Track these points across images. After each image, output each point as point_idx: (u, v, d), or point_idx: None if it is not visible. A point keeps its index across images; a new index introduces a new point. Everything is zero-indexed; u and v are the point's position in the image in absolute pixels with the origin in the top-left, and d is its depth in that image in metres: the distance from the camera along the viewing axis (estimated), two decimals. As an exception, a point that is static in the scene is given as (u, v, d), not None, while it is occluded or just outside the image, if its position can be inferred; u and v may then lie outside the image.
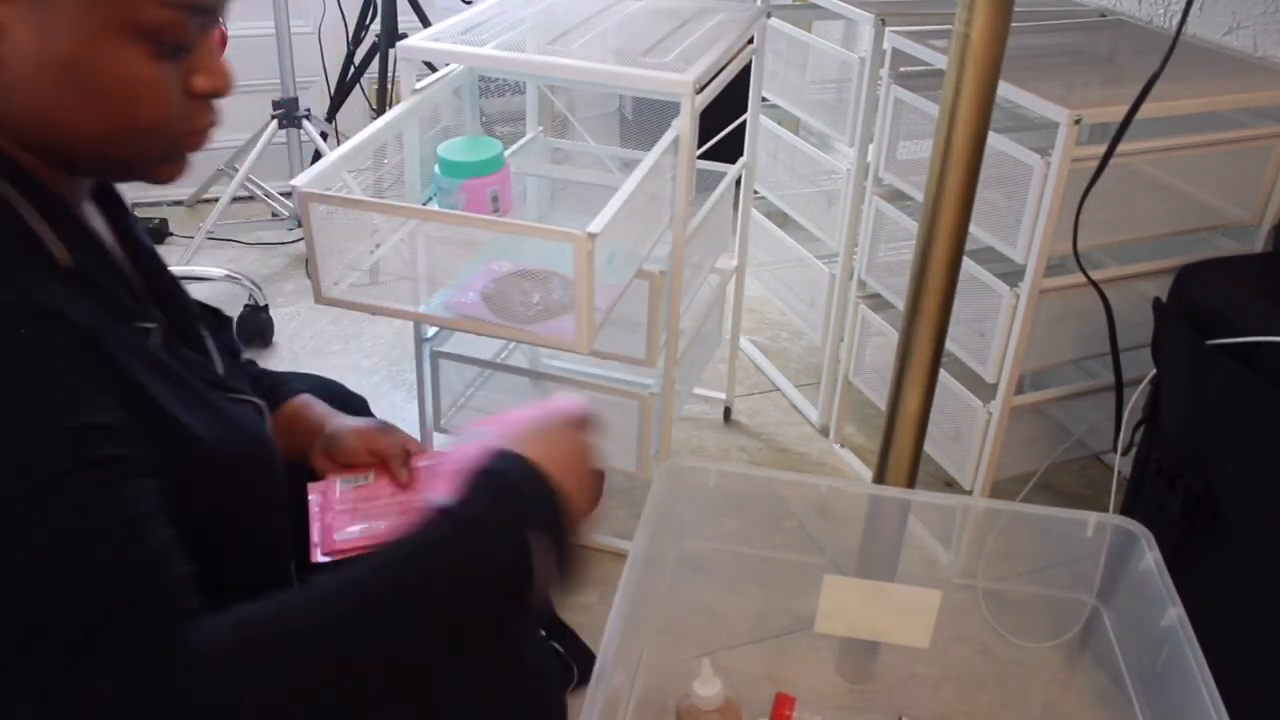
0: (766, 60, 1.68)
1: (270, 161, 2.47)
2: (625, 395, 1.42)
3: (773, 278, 1.98)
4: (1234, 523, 1.16)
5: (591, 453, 0.78)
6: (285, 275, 2.27)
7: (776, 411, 1.91)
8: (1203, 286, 1.23)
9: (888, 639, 1.08)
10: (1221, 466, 1.17)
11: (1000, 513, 1.08)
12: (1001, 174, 1.30)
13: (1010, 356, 1.36)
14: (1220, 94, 1.30)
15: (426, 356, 1.48)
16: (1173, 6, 1.60)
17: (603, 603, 1.44)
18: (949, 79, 0.96)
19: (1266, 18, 1.45)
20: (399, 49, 1.34)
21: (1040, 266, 1.29)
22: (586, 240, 1.05)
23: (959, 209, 1.01)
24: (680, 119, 1.25)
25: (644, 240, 1.27)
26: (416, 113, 1.36)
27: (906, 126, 1.49)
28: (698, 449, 1.79)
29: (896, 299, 1.57)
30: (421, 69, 1.42)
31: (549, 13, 1.49)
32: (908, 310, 1.08)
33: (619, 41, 1.38)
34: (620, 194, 1.14)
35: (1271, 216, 1.40)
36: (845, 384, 1.75)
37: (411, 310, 1.23)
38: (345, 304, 1.22)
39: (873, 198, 1.57)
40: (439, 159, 1.33)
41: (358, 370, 1.97)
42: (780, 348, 2.11)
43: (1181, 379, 1.22)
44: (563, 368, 1.87)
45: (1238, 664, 1.16)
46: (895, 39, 1.47)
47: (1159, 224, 1.38)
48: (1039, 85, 1.27)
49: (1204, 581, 1.20)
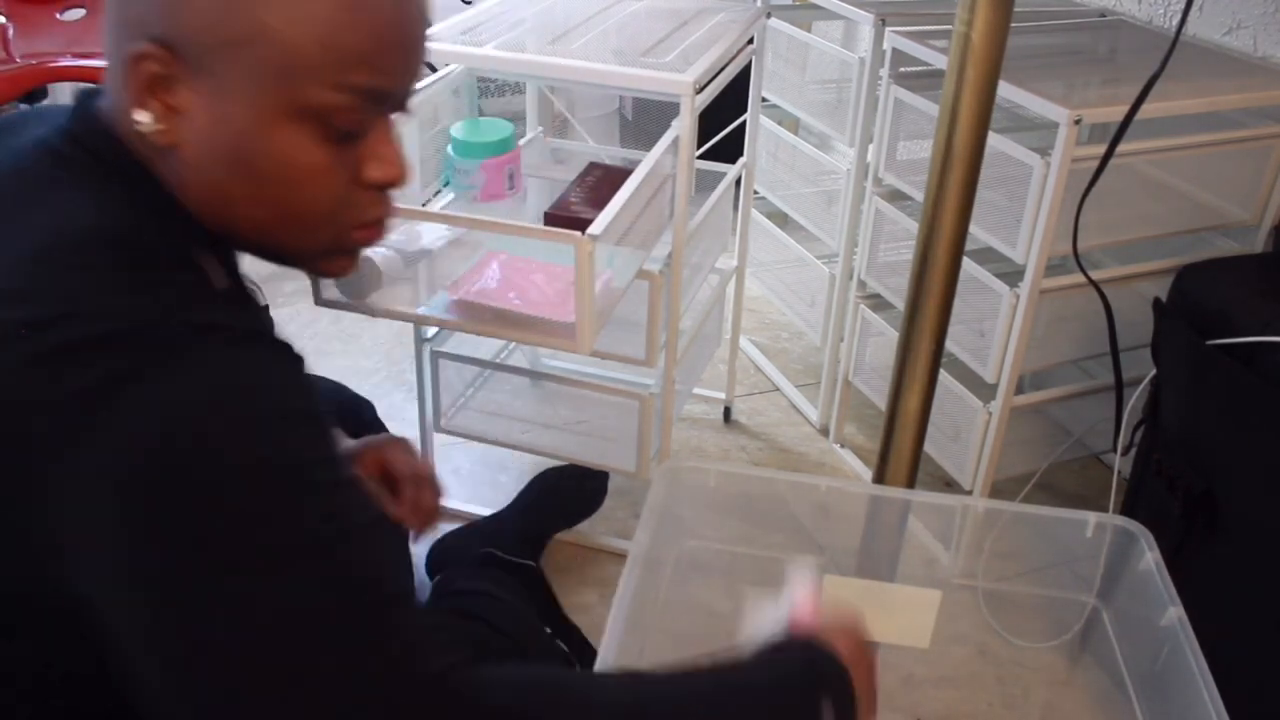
0: (766, 60, 1.68)
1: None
2: (625, 395, 1.42)
3: (773, 278, 1.97)
4: (1234, 523, 1.16)
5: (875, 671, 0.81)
6: (285, 275, 2.27)
7: (776, 412, 1.91)
8: (1203, 286, 1.23)
9: (887, 640, 1.08)
10: (1221, 467, 1.17)
11: (1000, 513, 1.08)
12: (1001, 174, 1.30)
13: (1010, 356, 1.36)
14: (1220, 94, 1.30)
15: (426, 356, 1.48)
16: (1173, 6, 1.60)
17: (603, 603, 1.44)
18: (949, 79, 0.96)
19: (1266, 18, 1.45)
20: (399, 49, 1.34)
21: (1040, 266, 1.29)
22: (587, 242, 1.05)
23: (959, 209, 1.01)
24: (680, 119, 1.25)
25: (644, 241, 1.27)
26: (416, 113, 1.36)
27: (906, 126, 1.49)
28: (698, 449, 1.79)
29: (896, 299, 1.57)
30: (421, 69, 1.41)
31: (549, 13, 1.49)
32: (908, 310, 1.08)
33: (619, 41, 1.38)
34: (620, 194, 1.14)
35: (1271, 216, 1.40)
36: (845, 384, 1.75)
37: (411, 311, 1.23)
38: (345, 305, 1.22)
39: (873, 198, 1.57)
40: (453, 141, 1.36)
41: (358, 370, 1.97)
42: (780, 348, 2.11)
43: (1181, 379, 1.22)
44: (563, 368, 1.87)
45: (1238, 664, 1.16)
46: (895, 39, 1.47)
47: (1159, 224, 1.38)
48: (1039, 85, 1.27)
49: (1204, 581, 1.20)
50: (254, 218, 0.68)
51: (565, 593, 1.45)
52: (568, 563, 1.51)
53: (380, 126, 0.70)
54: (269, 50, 0.63)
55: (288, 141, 0.65)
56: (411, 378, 1.92)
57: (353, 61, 0.65)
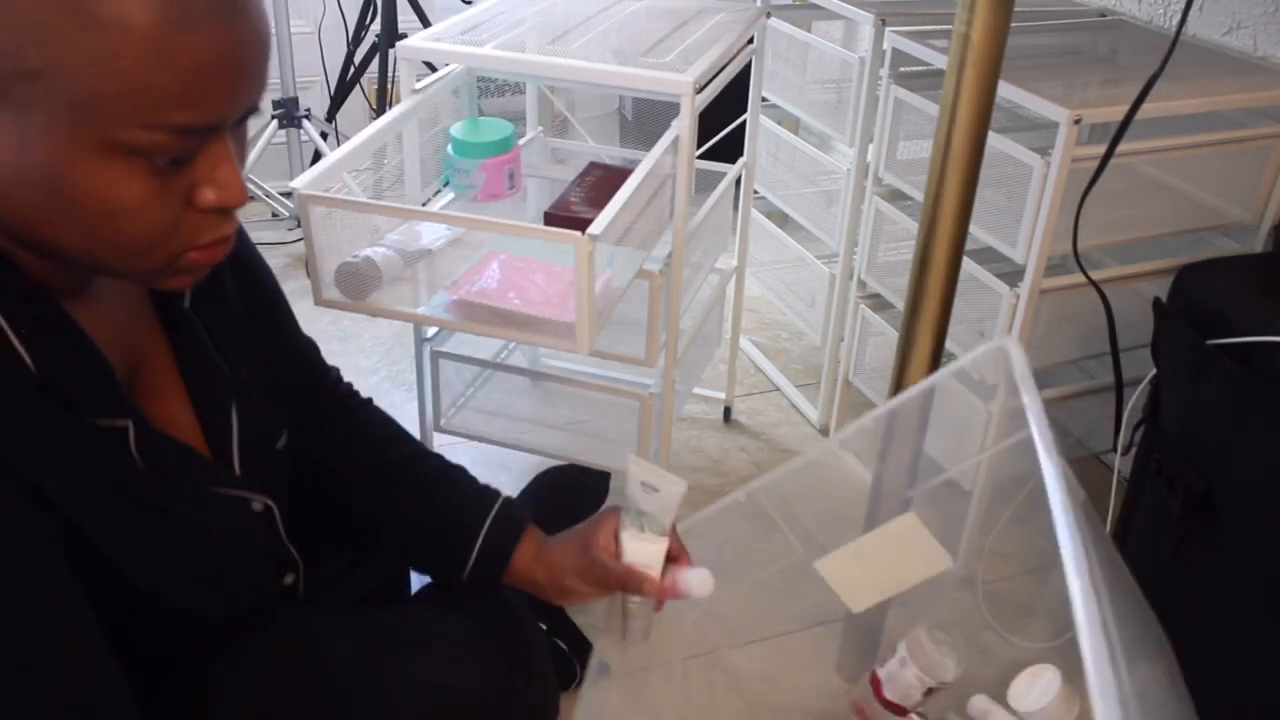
0: (766, 60, 1.68)
1: (270, 161, 2.47)
2: (625, 395, 1.42)
3: (773, 278, 1.98)
4: (1234, 523, 1.16)
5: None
6: (285, 275, 2.27)
7: (776, 411, 1.91)
8: (1202, 286, 1.23)
9: (917, 579, 1.04)
10: (1221, 466, 1.17)
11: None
12: (1001, 174, 1.30)
13: (1010, 356, 1.36)
14: (1220, 94, 1.30)
15: (426, 356, 1.48)
16: (1173, 6, 1.60)
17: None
18: (949, 79, 0.96)
19: (1266, 18, 1.45)
20: (399, 49, 1.34)
21: (1040, 266, 1.29)
22: (587, 242, 1.05)
23: (959, 209, 1.01)
24: (680, 119, 1.25)
25: (644, 241, 1.27)
26: (416, 113, 1.36)
27: (906, 126, 1.49)
28: (698, 449, 1.78)
29: (896, 299, 1.57)
30: (421, 69, 1.42)
31: (549, 13, 1.49)
32: (908, 310, 1.08)
33: (619, 41, 1.38)
34: (620, 194, 1.14)
35: (1271, 216, 1.40)
36: (845, 384, 1.75)
37: (411, 311, 1.23)
38: (345, 305, 1.22)
39: (873, 198, 1.57)
40: (454, 141, 1.36)
41: (358, 370, 1.97)
42: (780, 348, 2.11)
43: (1181, 379, 1.22)
44: (563, 368, 1.87)
45: (1238, 663, 1.16)
46: (895, 39, 1.47)
47: (1159, 224, 1.38)
48: (1039, 85, 1.27)
49: (1204, 581, 1.20)
50: (71, 243, 0.63)
51: (565, 593, 1.45)
52: (568, 563, 1.51)
53: (215, 146, 0.63)
54: (67, 88, 0.57)
55: (100, 175, 0.60)
56: (411, 377, 1.92)
57: (167, 101, 0.58)
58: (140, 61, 0.56)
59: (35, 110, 0.57)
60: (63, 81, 0.56)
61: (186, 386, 0.81)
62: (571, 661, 1.31)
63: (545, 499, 1.53)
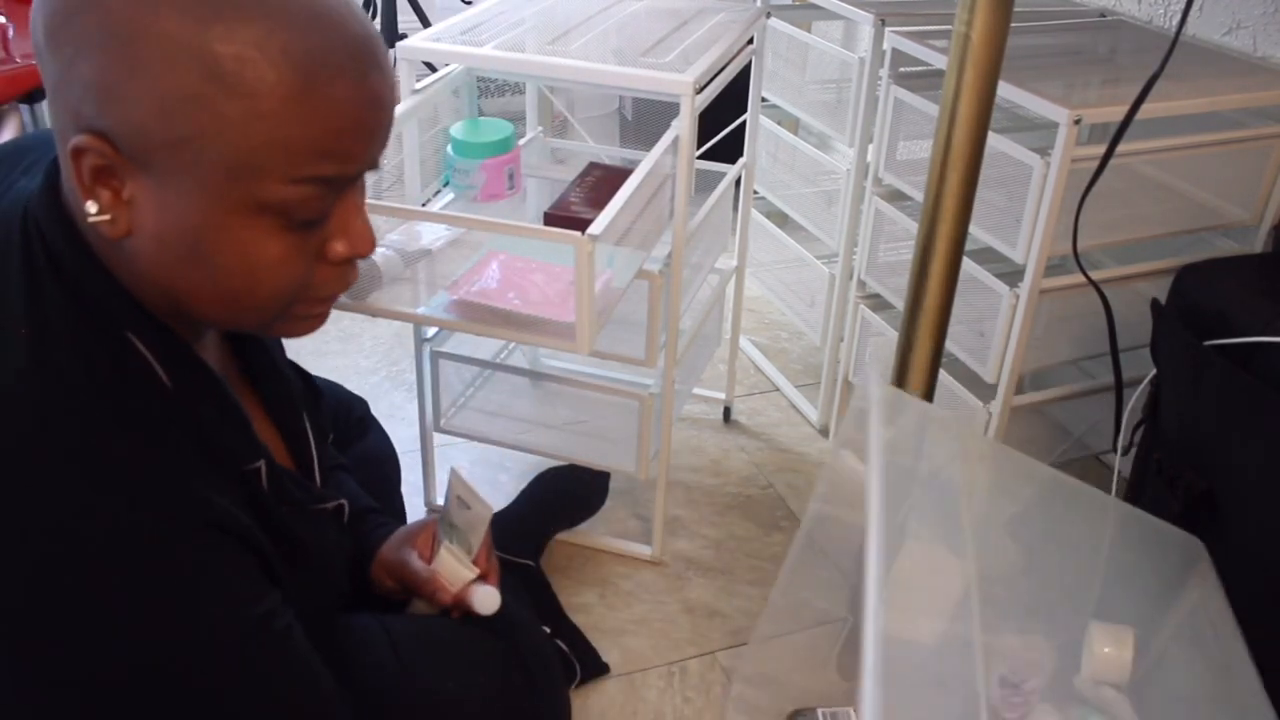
0: (766, 60, 1.68)
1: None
2: (625, 395, 1.42)
3: (773, 278, 1.98)
4: (1234, 523, 1.16)
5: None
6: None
7: (776, 412, 1.91)
8: (1202, 287, 1.23)
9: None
10: (1221, 466, 1.17)
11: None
12: (1001, 174, 1.30)
13: (1010, 357, 1.36)
14: (1220, 94, 1.30)
15: (426, 356, 1.48)
16: (1173, 6, 1.60)
17: (603, 602, 1.44)
18: (949, 79, 0.96)
19: (1266, 18, 1.45)
20: (399, 49, 1.34)
21: (1040, 266, 1.29)
22: (587, 242, 1.05)
23: (959, 209, 1.01)
24: (680, 119, 1.25)
25: (644, 241, 1.27)
26: (416, 113, 1.36)
27: (906, 126, 1.49)
28: (698, 449, 1.79)
29: (896, 299, 1.57)
30: (421, 69, 1.42)
31: (549, 13, 1.49)
32: (907, 310, 1.08)
33: (619, 41, 1.38)
34: (620, 195, 1.14)
35: (1271, 216, 1.40)
36: (845, 384, 1.75)
37: (411, 311, 1.23)
38: (344, 305, 1.22)
39: (873, 198, 1.57)
40: (453, 141, 1.36)
41: (358, 370, 1.97)
42: (780, 348, 2.11)
43: (1181, 379, 1.22)
44: (562, 368, 1.87)
45: (1238, 664, 1.16)
46: (895, 39, 1.47)
47: (1159, 224, 1.38)
48: (1039, 85, 1.27)
49: (1204, 581, 1.20)
50: (209, 302, 0.65)
51: (565, 593, 1.45)
52: (568, 563, 1.51)
53: (347, 200, 0.66)
54: (215, 151, 0.59)
55: (244, 235, 0.62)
56: (411, 378, 1.92)
57: (309, 156, 0.61)
58: (285, 120, 0.59)
59: (181, 176, 0.60)
60: (211, 147, 0.59)
61: (262, 401, 0.82)
62: (572, 662, 1.32)
63: (545, 499, 1.53)
